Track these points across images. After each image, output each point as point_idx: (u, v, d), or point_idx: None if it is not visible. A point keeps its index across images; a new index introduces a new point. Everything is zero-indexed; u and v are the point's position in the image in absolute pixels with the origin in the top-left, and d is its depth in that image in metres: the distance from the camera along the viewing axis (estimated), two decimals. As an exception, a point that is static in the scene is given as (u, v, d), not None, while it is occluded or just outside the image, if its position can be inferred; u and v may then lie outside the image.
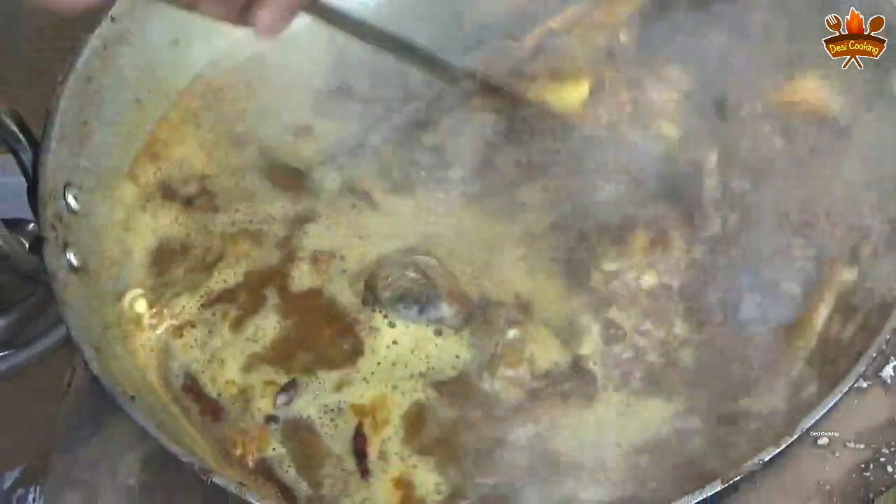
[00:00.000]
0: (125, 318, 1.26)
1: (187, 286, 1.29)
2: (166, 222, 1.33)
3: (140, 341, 1.25)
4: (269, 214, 1.34)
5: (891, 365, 1.25)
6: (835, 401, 1.08)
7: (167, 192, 1.35)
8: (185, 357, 1.25)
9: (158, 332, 1.26)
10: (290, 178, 1.38)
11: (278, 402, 1.21)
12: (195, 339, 1.26)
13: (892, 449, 1.21)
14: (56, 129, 1.22)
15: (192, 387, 1.24)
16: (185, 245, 1.33)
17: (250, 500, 1.07)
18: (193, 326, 1.26)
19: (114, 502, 1.24)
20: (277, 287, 1.30)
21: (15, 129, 1.17)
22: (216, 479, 1.07)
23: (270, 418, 1.21)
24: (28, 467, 1.90)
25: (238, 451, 1.20)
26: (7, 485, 1.90)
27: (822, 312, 1.23)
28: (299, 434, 1.21)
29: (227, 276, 1.30)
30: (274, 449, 1.19)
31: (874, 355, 1.10)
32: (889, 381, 1.24)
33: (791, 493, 1.19)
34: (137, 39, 1.31)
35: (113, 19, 1.28)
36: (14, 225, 1.21)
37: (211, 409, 1.22)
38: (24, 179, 1.20)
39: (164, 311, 1.27)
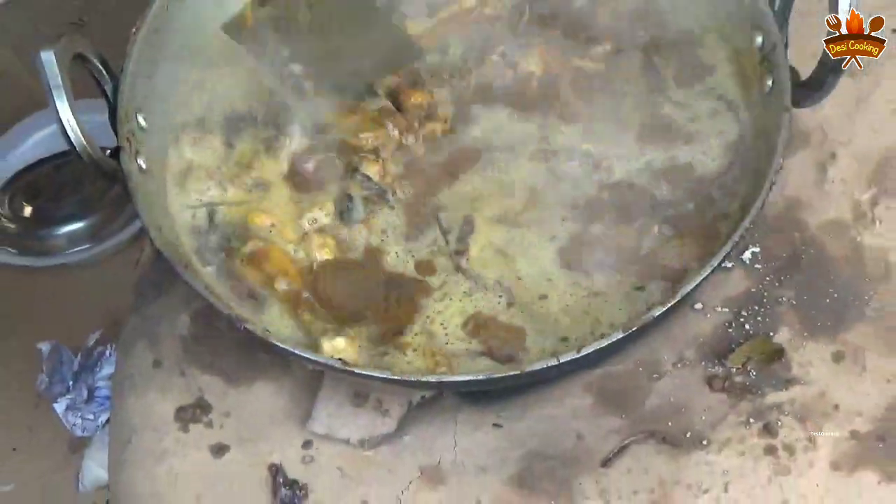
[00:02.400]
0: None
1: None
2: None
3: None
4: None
5: (749, 250, 1.25)
6: (706, 275, 1.09)
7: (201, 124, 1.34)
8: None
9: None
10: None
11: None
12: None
13: (748, 312, 1.21)
14: (130, 68, 1.22)
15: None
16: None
17: (273, 342, 1.09)
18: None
19: (171, 348, 1.25)
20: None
21: (100, 66, 1.18)
22: (248, 326, 1.10)
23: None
24: (105, 331, 1.96)
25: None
26: (91, 342, 1.96)
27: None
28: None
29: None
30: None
31: (736, 241, 1.10)
32: (747, 262, 1.24)
33: (674, 343, 1.20)
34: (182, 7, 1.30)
35: (172, -15, 1.28)
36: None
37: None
38: (107, 109, 1.21)
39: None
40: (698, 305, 1.22)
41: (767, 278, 1.24)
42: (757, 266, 1.25)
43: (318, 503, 1.14)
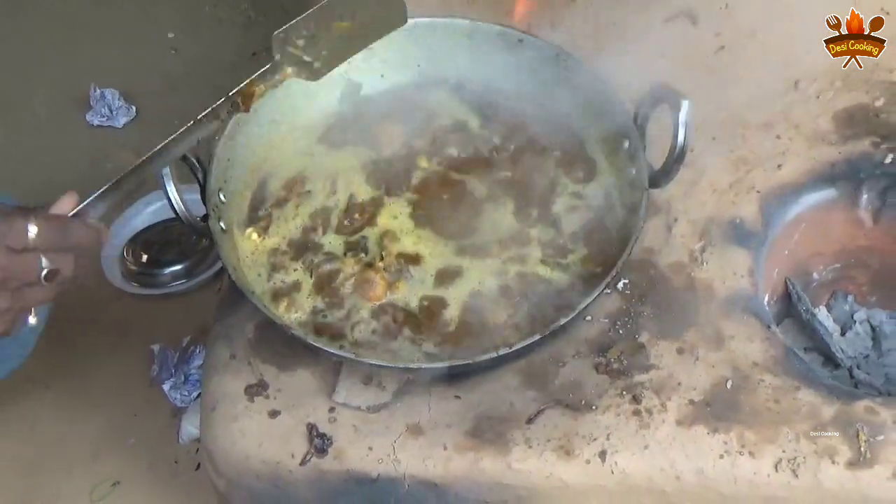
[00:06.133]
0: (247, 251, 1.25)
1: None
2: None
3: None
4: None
5: (622, 281, 1.23)
6: (593, 297, 1.11)
7: (256, 204, 1.29)
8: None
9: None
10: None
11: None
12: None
13: (621, 322, 1.20)
14: (214, 164, 1.22)
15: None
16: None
17: (310, 342, 1.10)
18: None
19: (241, 346, 1.22)
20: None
21: (195, 162, 1.18)
22: (293, 332, 1.11)
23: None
24: (194, 336, 1.94)
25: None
26: (184, 343, 1.94)
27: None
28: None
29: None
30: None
31: (614, 274, 1.13)
32: (620, 289, 1.23)
33: (573, 342, 1.18)
34: (247, 127, 1.29)
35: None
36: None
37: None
38: (199, 189, 1.21)
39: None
40: (588, 317, 1.21)
41: (633, 300, 1.23)
42: (627, 292, 1.24)
43: (339, 448, 1.12)
